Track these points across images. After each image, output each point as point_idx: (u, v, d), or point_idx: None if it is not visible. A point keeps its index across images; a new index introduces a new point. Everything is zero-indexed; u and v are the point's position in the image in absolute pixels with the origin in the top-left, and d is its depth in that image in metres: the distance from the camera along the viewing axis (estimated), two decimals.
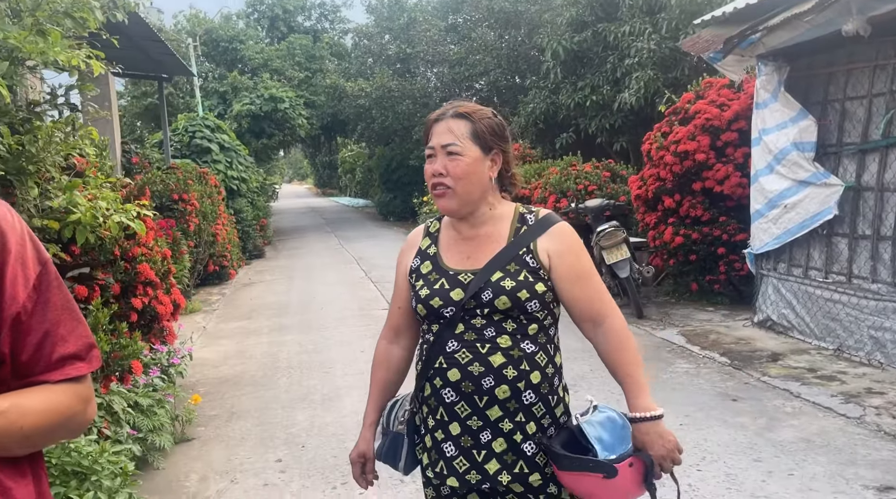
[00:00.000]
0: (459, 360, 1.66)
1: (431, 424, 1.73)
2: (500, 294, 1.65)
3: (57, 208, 3.29)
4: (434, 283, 1.74)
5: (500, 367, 1.64)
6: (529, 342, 1.68)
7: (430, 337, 1.74)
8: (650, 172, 7.59)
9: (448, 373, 1.67)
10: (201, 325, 7.74)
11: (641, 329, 6.41)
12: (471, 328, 1.68)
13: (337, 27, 26.47)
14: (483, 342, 1.66)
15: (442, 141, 1.70)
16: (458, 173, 1.68)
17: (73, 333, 1.08)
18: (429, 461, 1.74)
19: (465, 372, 1.65)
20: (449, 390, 1.67)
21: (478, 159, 1.71)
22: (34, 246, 1.07)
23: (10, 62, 2.73)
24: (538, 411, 1.69)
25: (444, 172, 1.69)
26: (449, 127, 1.70)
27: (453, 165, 1.68)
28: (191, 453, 4.11)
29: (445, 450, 1.70)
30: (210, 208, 9.80)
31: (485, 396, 1.65)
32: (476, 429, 1.67)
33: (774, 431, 3.95)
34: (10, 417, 0.98)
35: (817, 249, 5.64)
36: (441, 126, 1.72)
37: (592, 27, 11.16)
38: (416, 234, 1.90)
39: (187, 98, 16.89)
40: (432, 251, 1.81)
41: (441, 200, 1.72)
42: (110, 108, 6.48)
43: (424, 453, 1.76)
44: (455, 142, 1.69)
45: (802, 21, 4.62)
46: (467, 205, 1.73)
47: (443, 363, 1.68)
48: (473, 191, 1.72)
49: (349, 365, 5.77)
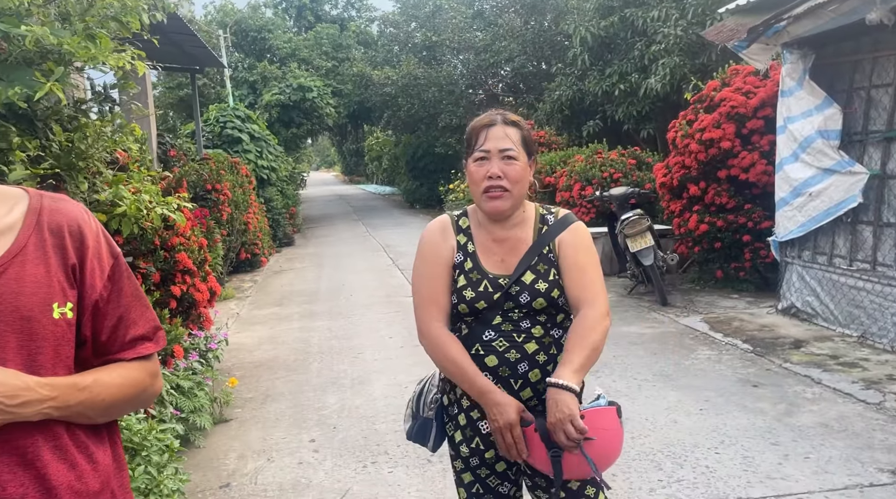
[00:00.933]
0: (497, 347, 1.82)
1: (466, 404, 1.88)
2: (536, 297, 1.81)
3: (104, 201, 3.48)
4: (477, 284, 1.85)
5: (533, 353, 1.81)
6: (558, 329, 1.86)
7: (465, 328, 1.88)
8: (675, 159, 7.62)
9: (486, 359, 1.82)
10: (235, 311, 7.99)
11: (665, 316, 6.49)
12: (508, 320, 1.83)
13: (363, 15, 26.61)
14: (519, 332, 1.82)
15: (500, 145, 1.83)
16: (515, 177, 1.83)
17: (142, 317, 1.25)
18: (462, 438, 1.89)
19: (503, 358, 1.81)
20: (486, 373, 1.80)
21: (526, 165, 1.86)
22: (107, 242, 1.24)
23: (63, 66, 2.91)
24: None
25: (502, 175, 1.82)
26: (506, 132, 1.84)
27: (511, 168, 1.82)
28: (229, 432, 4.32)
29: (481, 427, 1.85)
30: (241, 198, 10.03)
31: (520, 379, 1.81)
32: None
33: (793, 416, 4.04)
34: (94, 390, 1.14)
35: (842, 236, 5.66)
36: (498, 131, 1.84)
37: (619, 12, 11.12)
38: (444, 225, 1.94)
39: (218, 88, 17.17)
40: (471, 249, 1.91)
41: (497, 201, 1.83)
42: (148, 102, 6.71)
43: (458, 430, 1.90)
44: (512, 147, 1.83)
45: (826, 10, 4.63)
46: (516, 207, 1.88)
47: (479, 350, 1.83)
48: (523, 193, 1.88)
49: (378, 351, 5.95)
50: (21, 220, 1.14)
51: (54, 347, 1.12)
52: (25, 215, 1.14)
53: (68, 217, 1.18)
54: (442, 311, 1.87)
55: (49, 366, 1.11)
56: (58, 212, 1.18)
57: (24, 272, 1.10)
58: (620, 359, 5.27)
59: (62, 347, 1.13)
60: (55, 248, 1.14)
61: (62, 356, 1.13)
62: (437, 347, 1.84)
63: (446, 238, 1.92)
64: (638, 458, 3.60)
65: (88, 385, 1.14)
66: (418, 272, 1.93)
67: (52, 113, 3.31)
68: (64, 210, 1.19)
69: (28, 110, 3.18)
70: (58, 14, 3.25)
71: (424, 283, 1.90)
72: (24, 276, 1.09)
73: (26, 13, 3.01)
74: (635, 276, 7.53)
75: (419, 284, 1.91)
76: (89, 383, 1.14)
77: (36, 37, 2.75)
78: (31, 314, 1.08)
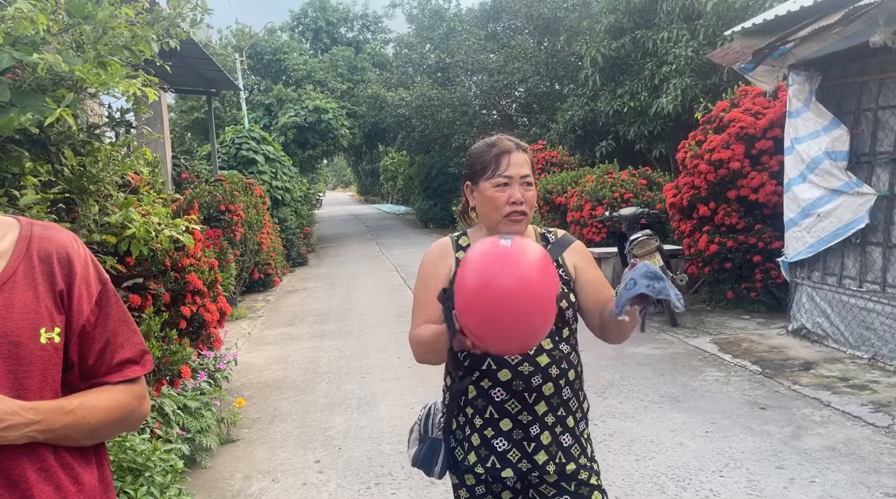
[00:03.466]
0: (509, 361, 1.83)
1: (479, 423, 1.88)
2: None
3: (114, 224, 3.56)
4: None
5: (545, 366, 1.83)
6: (565, 343, 1.89)
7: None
8: (685, 180, 7.62)
9: (498, 374, 1.83)
10: (246, 331, 8.05)
11: (675, 337, 6.46)
12: None
13: (378, 37, 26.93)
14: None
15: (522, 172, 1.89)
16: (533, 202, 1.91)
17: (129, 341, 1.29)
18: (477, 458, 1.88)
19: (516, 372, 1.82)
20: (499, 389, 1.83)
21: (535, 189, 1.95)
22: (95, 268, 1.28)
23: (74, 92, 3.00)
24: (573, 406, 1.89)
25: (524, 200, 1.89)
26: (525, 159, 1.92)
27: (530, 194, 1.90)
28: (235, 453, 4.36)
29: (497, 445, 1.86)
30: (255, 218, 10.15)
31: (534, 393, 1.83)
32: (526, 423, 1.84)
33: (800, 439, 4.00)
34: (80, 413, 1.18)
35: (851, 257, 5.62)
36: (519, 157, 1.90)
37: (631, 33, 11.20)
38: (443, 247, 1.99)
39: (234, 111, 17.44)
40: None
41: (518, 225, 1.90)
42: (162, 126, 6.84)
43: (472, 451, 1.89)
44: (530, 173, 1.91)
45: (831, 33, 4.65)
46: (526, 228, 1.95)
47: (491, 365, 1.84)
48: (532, 216, 1.95)
49: (386, 371, 5.97)
50: (11, 248, 1.19)
51: (41, 372, 1.16)
52: (16, 243, 1.19)
53: (57, 244, 1.23)
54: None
55: (36, 390, 1.15)
56: (47, 240, 1.23)
57: (14, 298, 1.14)
58: (628, 380, 5.25)
59: (49, 372, 1.17)
60: (44, 274, 1.19)
61: (49, 380, 1.17)
62: (416, 336, 1.84)
63: (444, 258, 1.96)
64: (641, 481, 3.59)
65: (74, 409, 1.18)
66: (417, 297, 1.95)
67: (64, 138, 3.40)
68: (53, 238, 1.24)
69: (42, 136, 3.28)
70: (73, 42, 3.36)
71: (420, 306, 1.92)
72: (13, 302, 1.14)
73: (42, 41, 3.11)
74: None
75: (416, 307, 1.94)
76: (75, 407, 1.18)
77: (49, 64, 2.84)
78: (19, 339, 1.12)
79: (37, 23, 2.71)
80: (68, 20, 3.11)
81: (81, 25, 3.06)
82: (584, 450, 1.90)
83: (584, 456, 1.89)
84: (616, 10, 11.45)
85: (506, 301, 1.38)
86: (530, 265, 1.41)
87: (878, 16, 4.28)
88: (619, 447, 4.02)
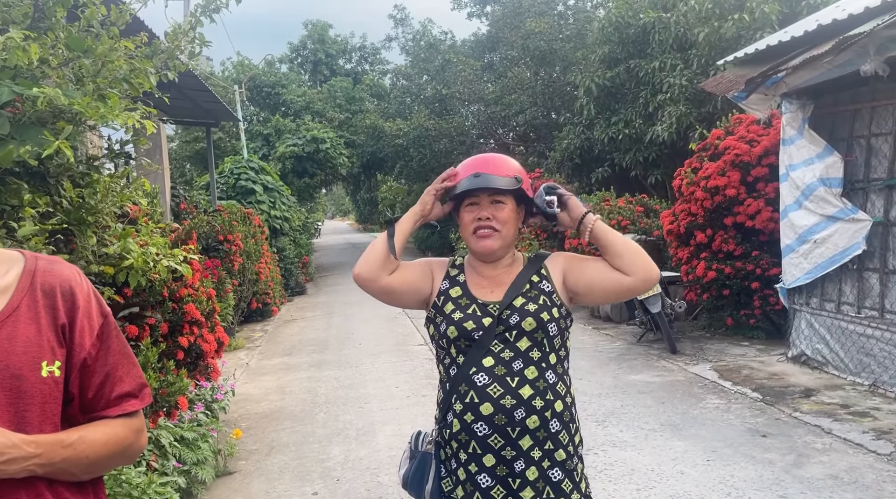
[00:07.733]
0: (491, 394, 1.79)
1: (464, 458, 1.85)
2: (525, 317, 1.83)
3: (112, 255, 3.56)
4: (466, 308, 1.89)
5: (529, 398, 1.79)
6: (552, 372, 1.84)
7: (454, 369, 1.87)
8: (681, 207, 7.66)
9: (480, 407, 1.80)
10: (244, 361, 8.01)
11: (674, 364, 6.44)
12: (500, 362, 1.82)
13: (376, 68, 27.25)
14: (512, 375, 1.81)
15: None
16: (505, 219, 1.92)
17: (128, 374, 1.29)
18: (464, 493, 1.85)
19: (498, 405, 1.78)
20: (481, 423, 1.79)
21: (513, 209, 1.94)
22: (97, 301, 1.29)
23: (74, 124, 3.02)
24: (563, 439, 1.83)
25: (489, 217, 1.91)
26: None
27: (501, 213, 1.92)
28: (232, 485, 4.30)
29: (480, 481, 1.82)
30: (254, 248, 10.16)
31: (517, 427, 1.78)
32: (510, 459, 1.80)
33: (803, 467, 3.96)
34: (79, 447, 1.18)
35: (849, 283, 5.63)
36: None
37: (625, 63, 11.35)
38: (444, 260, 2.09)
39: (233, 141, 17.56)
40: (462, 278, 1.99)
41: (487, 240, 1.92)
42: (161, 157, 6.88)
43: (458, 485, 1.87)
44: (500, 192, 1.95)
45: (822, 62, 4.71)
46: (505, 247, 1.95)
47: (474, 398, 1.81)
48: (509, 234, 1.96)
49: (384, 401, 5.93)
50: (16, 282, 1.19)
51: (41, 405, 1.15)
52: (20, 277, 1.20)
53: (61, 278, 1.24)
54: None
55: (36, 423, 1.15)
56: (51, 273, 1.23)
57: (17, 332, 1.14)
58: (628, 408, 5.21)
59: (49, 405, 1.17)
60: (46, 308, 1.19)
61: (49, 414, 1.17)
62: (372, 250, 2.05)
63: (440, 266, 2.05)
64: None
65: (73, 443, 1.17)
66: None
67: (63, 170, 3.42)
68: (57, 272, 1.24)
69: (41, 168, 3.30)
70: (72, 75, 3.40)
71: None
72: (16, 335, 1.14)
73: (42, 75, 3.15)
74: (644, 323, 7.50)
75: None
76: (74, 441, 1.17)
77: (48, 98, 2.87)
78: (20, 373, 1.12)
79: (29, 52, 2.74)
80: (68, 54, 3.15)
81: (81, 59, 3.10)
82: (577, 485, 1.85)
83: (576, 491, 1.83)
84: (610, 41, 11.61)
85: None
86: None
87: (869, 45, 4.35)
88: (619, 477, 3.98)
